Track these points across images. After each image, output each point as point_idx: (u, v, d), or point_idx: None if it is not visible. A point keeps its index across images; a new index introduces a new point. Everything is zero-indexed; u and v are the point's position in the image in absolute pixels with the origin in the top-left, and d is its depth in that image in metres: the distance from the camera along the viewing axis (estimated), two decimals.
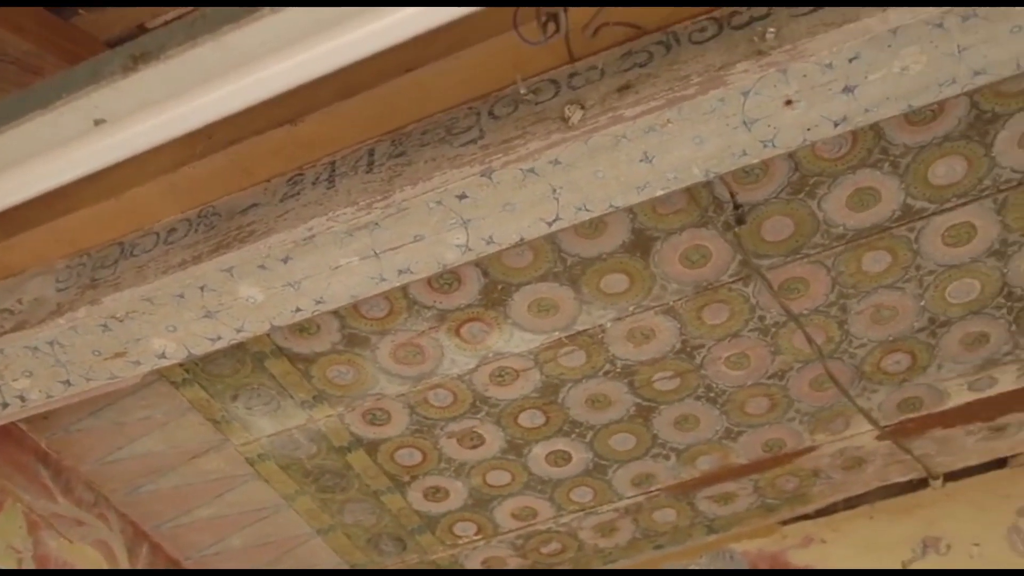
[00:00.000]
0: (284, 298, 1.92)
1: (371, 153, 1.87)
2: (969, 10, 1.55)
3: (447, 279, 2.20)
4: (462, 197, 1.77)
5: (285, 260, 1.86)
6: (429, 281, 2.19)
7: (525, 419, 2.54)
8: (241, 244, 1.87)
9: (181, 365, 2.38)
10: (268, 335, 2.31)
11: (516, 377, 2.42)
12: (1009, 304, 2.33)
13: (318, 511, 2.78)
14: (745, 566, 2.95)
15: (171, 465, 2.69)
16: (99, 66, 1.51)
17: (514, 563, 3.00)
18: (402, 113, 1.85)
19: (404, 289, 2.21)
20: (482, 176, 1.75)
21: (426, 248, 1.85)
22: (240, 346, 2.32)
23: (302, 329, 2.30)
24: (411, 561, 2.97)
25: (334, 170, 1.89)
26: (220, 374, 2.42)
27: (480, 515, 2.82)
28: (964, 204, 2.12)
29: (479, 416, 2.52)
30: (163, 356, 2.02)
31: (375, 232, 1.82)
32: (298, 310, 1.94)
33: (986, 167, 2.05)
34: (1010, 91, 1.93)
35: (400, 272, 1.88)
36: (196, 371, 2.42)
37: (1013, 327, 2.39)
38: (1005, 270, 2.26)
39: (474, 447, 2.61)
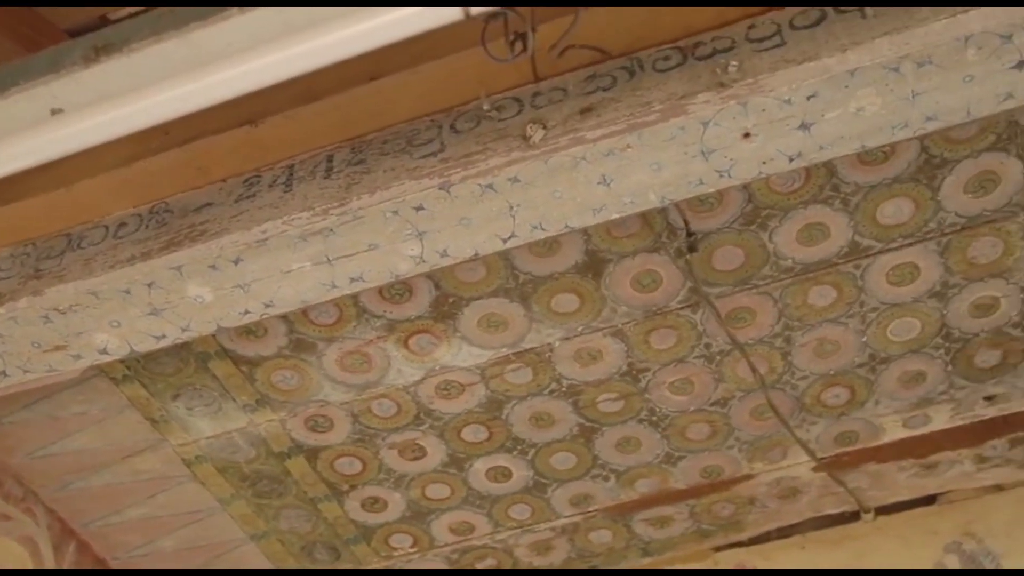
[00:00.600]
0: (233, 299, 1.90)
1: (330, 159, 1.86)
2: (925, 57, 1.59)
3: (398, 289, 2.19)
4: (419, 209, 1.77)
5: (236, 261, 1.84)
6: (380, 290, 2.19)
7: (468, 433, 2.53)
8: (192, 243, 1.84)
9: (122, 362, 2.34)
10: (214, 336, 2.28)
11: (462, 391, 2.42)
12: (947, 345, 2.39)
13: (253, 516, 2.75)
14: None
15: (104, 463, 2.64)
16: (60, 55, 1.49)
17: None
18: (364, 121, 1.84)
19: (355, 297, 2.20)
20: (440, 189, 1.75)
21: (380, 257, 1.84)
22: (184, 345, 2.29)
23: (249, 332, 2.27)
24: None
25: (292, 174, 1.87)
26: (162, 373, 2.39)
27: (417, 528, 2.81)
28: (909, 245, 2.17)
29: (422, 428, 2.51)
30: (105, 351, 1.98)
31: (329, 238, 1.82)
32: (246, 312, 1.92)
33: (932, 210, 2.10)
34: (959, 138, 1.98)
35: (352, 280, 1.88)
36: (137, 368, 2.38)
37: (950, 367, 2.45)
38: (945, 311, 2.31)
39: (415, 459, 2.60)
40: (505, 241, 1.82)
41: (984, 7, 1.56)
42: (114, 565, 2.91)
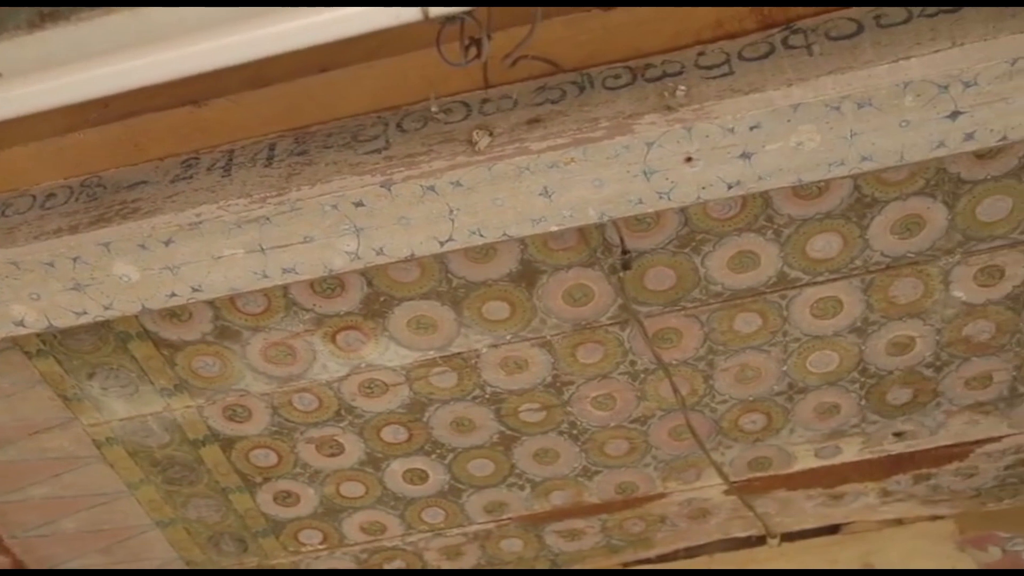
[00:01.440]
0: (160, 281, 1.87)
1: (272, 148, 1.84)
2: (866, 99, 1.63)
3: (330, 284, 2.17)
4: (359, 205, 1.76)
5: (167, 243, 1.81)
6: (312, 284, 2.16)
7: (388, 433, 2.52)
8: (123, 220, 1.81)
9: (38, 335, 2.28)
10: (136, 316, 2.23)
11: (385, 390, 2.41)
12: (863, 380, 2.45)
13: (161, 503, 2.69)
14: None
15: (10, 438, 2.56)
16: (4, 18, 1.45)
17: None
18: (310, 112, 1.83)
19: (285, 288, 2.17)
20: (382, 187, 1.74)
21: (315, 250, 1.83)
22: (105, 324, 2.24)
23: (173, 315, 2.23)
24: (249, 563, 2.91)
25: (231, 159, 1.85)
26: (79, 350, 2.33)
27: (328, 524, 2.78)
28: (835, 280, 2.22)
29: (342, 425, 2.49)
30: (21, 324, 1.93)
31: (265, 227, 1.80)
32: (173, 295, 1.89)
33: (859, 248, 2.16)
34: (891, 180, 2.04)
35: (285, 271, 1.86)
36: (53, 344, 2.32)
37: (863, 402, 2.51)
38: (863, 347, 2.37)
39: (332, 455, 2.58)
40: (442, 244, 1.82)
41: (925, 56, 1.61)
42: (10, 544, 2.83)
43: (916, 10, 1.66)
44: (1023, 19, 1.60)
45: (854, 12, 1.69)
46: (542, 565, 2.94)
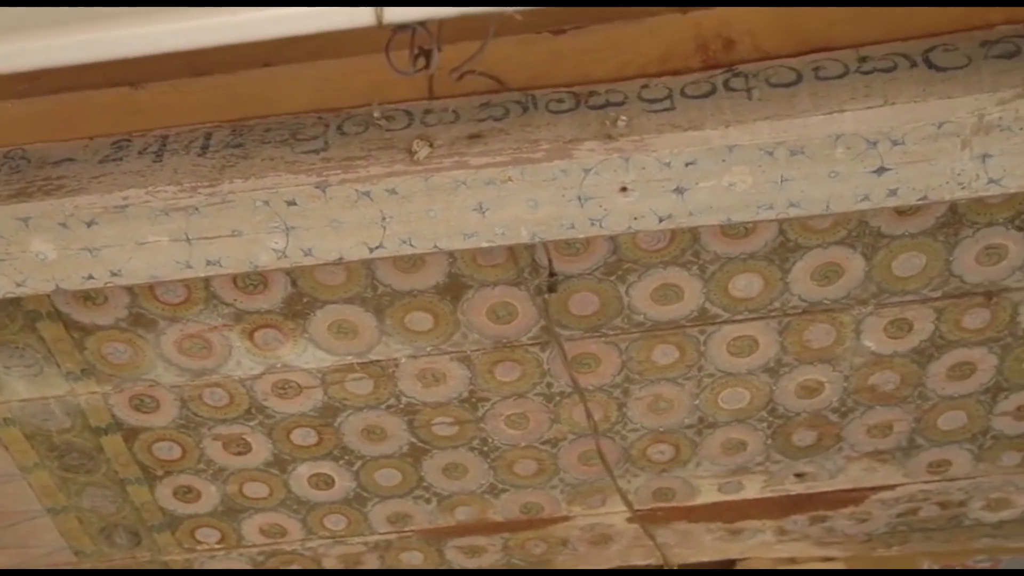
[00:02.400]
0: (78, 262, 1.82)
1: (208, 137, 1.82)
2: (799, 147, 1.68)
3: (254, 280, 2.14)
4: (291, 203, 1.75)
5: (90, 224, 1.77)
6: (235, 278, 2.13)
7: (297, 436, 2.49)
8: (45, 196, 1.77)
9: None
10: (49, 296, 2.17)
11: (299, 392, 2.38)
12: (771, 419, 2.50)
13: (55, 489, 2.61)
14: None
15: None
16: None
17: None
18: (249, 105, 1.81)
19: (207, 280, 2.13)
20: (316, 188, 1.73)
21: (241, 245, 1.81)
22: (15, 301, 2.17)
23: (88, 298, 2.17)
24: (142, 558, 2.83)
25: (165, 145, 1.82)
26: None
27: (227, 524, 2.73)
28: (753, 320, 2.27)
29: (251, 424, 2.45)
30: None
31: (193, 217, 1.77)
32: (90, 278, 1.85)
33: (779, 290, 2.21)
34: (815, 227, 2.09)
35: (209, 263, 1.83)
36: None
37: (769, 441, 2.56)
38: (775, 387, 2.42)
39: (238, 454, 2.53)
40: (372, 250, 1.82)
41: (858, 112, 1.66)
42: None
43: (853, 65, 1.71)
44: (953, 84, 1.66)
45: (794, 62, 1.74)
46: None
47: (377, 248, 1.82)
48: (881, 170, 1.71)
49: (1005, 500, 2.78)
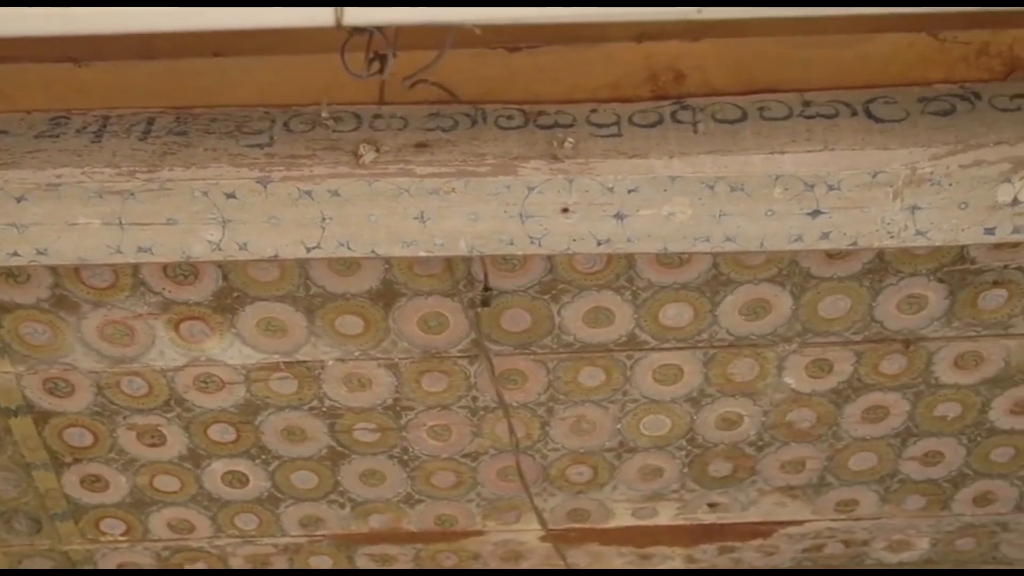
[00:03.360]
0: (4, 237, 1.78)
1: (150, 122, 1.79)
2: (739, 183, 1.71)
3: (185, 271, 2.10)
4: (231, 196, 1.73)
5: (19, 199, 1.73)
6: (166, 267, 2.09)
7: (215, 431, 2.45)
8: None
9: None
10: None
11: (221, 387, 2.34)
12: (689, 448, 2.54)
13: None
14: None
15: None
16: None
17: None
18: (196, 94, 1.79)
19: (136, 267, 2.09)
20: (258, 183, 1.72)
21: (176, 234, 1.78)
22: None
23: (10, 275, 2.11)
24: (41, 546, 2.76)
25: (105, 126, 1.79)
26: None
27: (134, 516, 2.67)
28: (680, 349, 2.30)
29: (169, 416, 2.40)
30: None
31: (128, 202, 1.74)
32: (15, 254, 1.80)
33: (707, 322, 2.24)
34: (748, 263, 2.13)
35: (140, 249, 1.80)
36: None
37: (686, 469, 2.60)
38: (696, 417, 2.46)
39: (152, 445, 2.48)
40: (309, 250, 1.81)
41: (799, 154, 1.71)
42: None
43: (797, 109, 1.76)
44: (890, 136, 1.72)
45: (741, 100, 1.78)
46: None
47: (314, 248, 1.80)
48: (816, 213, 1.75)
49: (906, 542, 2.86)
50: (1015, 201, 1.75)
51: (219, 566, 2.83)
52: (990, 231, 1.78)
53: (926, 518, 2.78)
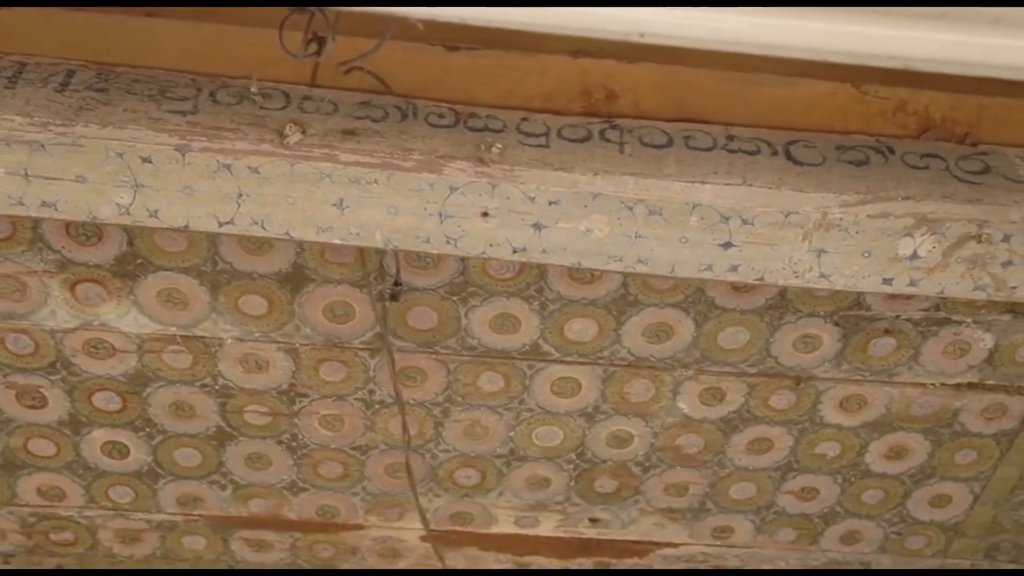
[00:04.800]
0: None
1: (70, 74, 1.73)
2: (658, 207, 1.74)
3: (88, 231, 2.04)
4: (146, 161, 1.68)
5: None
6: (68, 225, 2.02)
7: (100, 399, 2.37)
8: None
9: None
10: None
11: (112, 354, 2.27)
12: (578, 462, 2.57)
13: None
14: None
15: None
16: None
17: (15, 539, 2.75)
18: (121, 52, 1.74)
19: (37, 221, 2.02)
20: (176, 150, 1.68)
21: (84, 193, 1.72)
22: None
23: None
24: None
25: (21, 73, 1.72)
26: None
27: (2, 479, 2.57)
28: (581, 364, 2.33)
29: (53, 378, 2.32)
30: None
31: (37, 153, 1.67)
32: None
33: (611, 340, 2.27)
34: (656, 287, 2.17)
35: (43, 204, 1.73)
36: None
37: (572, 483, 2.63)
38: (588, 432, 2.49)
39: (31, 407, 2.39)
40: (221, 225, 1.77)
41: (718, 186, 1.74)
42: None
43: (721, 142, 1.80)
44: (806, 179, 1.77)
45: (668, 127, 1.81)
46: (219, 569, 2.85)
47: (227, 224, 1.77)
48: (728, 245, 1.79)
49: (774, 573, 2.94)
50: (914, 255, 1.82)
51: (85, 538, 2.74)
52: (888, 281, 1.85)
53: (795, 551, 2.87)
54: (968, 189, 1.79)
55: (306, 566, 2.86)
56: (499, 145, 1.73)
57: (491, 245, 1.80)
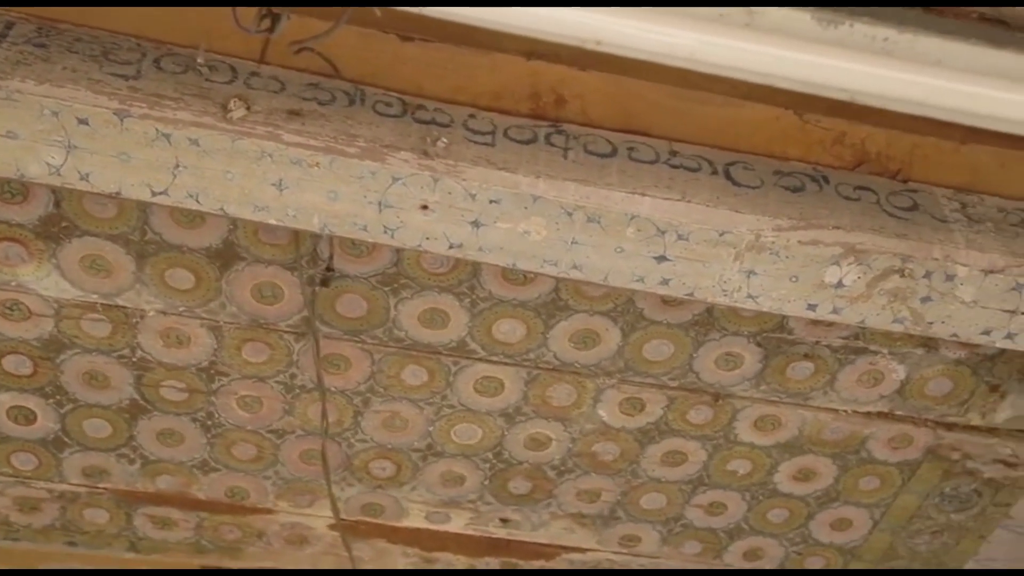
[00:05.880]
0: None
1: (9, 26, 1.68)
2: (596, 215, 1.76)
3: (14, 189, 1.98)
4: (83, 122, 1.64)
5: None
6: None
7: (10, 363, 2.30)
8: None
9: None
10: None
11: (27, 317, 2.21)
12: (493, 461, 2.57)
13: None
14: None
15: None
16: None
17: None
18: (65, 10, 1.69)
19: None
20: (116, 115, 1.64)
21: (13, 149, 1.68)
22: None
23: None
24: None
25: None
26: None
27: None
28: (505, 364, 2.34)
29: None
30: None
31: None
32: None
33: (538, 343, 2.29)
34: (588, 294, 2.19)
35: None
36: None
37: (487, 482, 2.63)
38: (507, 433, 2.50)
39: None
40: (154, 194, 1.74)
41: (657, 200, 1.77)
42: None
43: (663, 156, 1.82)
44: (742, 200, 1.80)
45: (613, 136, 1.83)
46: (119, 544, 2.79)
47: (160, 194, 1.74)
48: (662, 258, 1.81)
49: None
50: (840, 284, 1.86)
51: None
52: (812, 307, 1.89)
53: (698, 563, 2.92)
54: (896, 224, 1.84)
55: (210, 547, 2.81)
56: (445, 139, 1.73)
57: (428, 238, 1.79)
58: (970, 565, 2.97)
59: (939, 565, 2.95)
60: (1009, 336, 1.92)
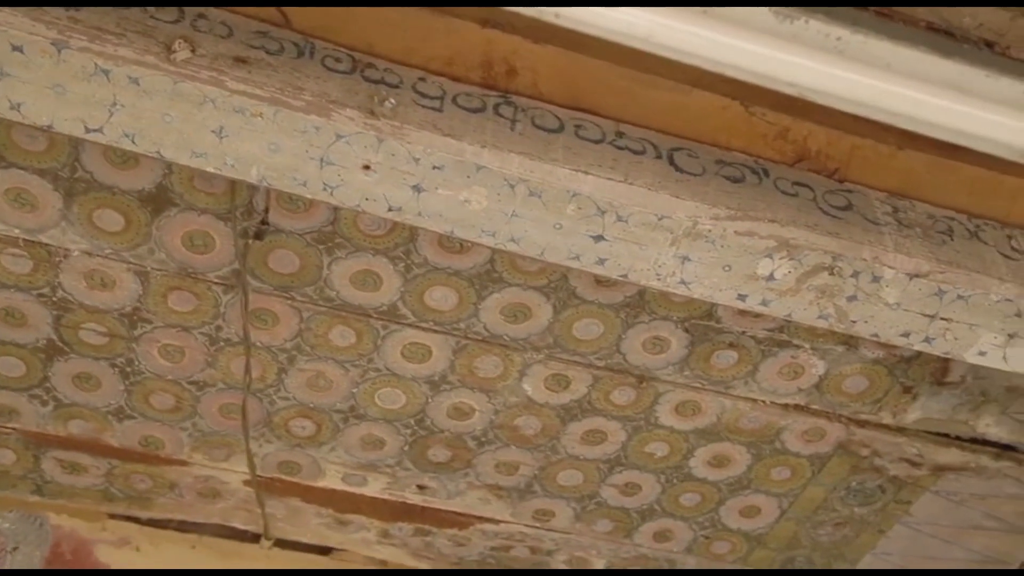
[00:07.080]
0: None
1: None
2: (538, 190, 1.75)
3: None
4: (17, 49, 1.58)
5: None
6: None
7: None
8: None
9: None
10: None
11: None
12: (415, 428, 2.57)
13: None
14: (50, 539, 2.82)
15: None
16: None
17: None
18: None
19: None
20: (52, 44, 1.58)
21: None
22: None
23: None
24: None
25: None
26: None
27: None
28: (435, 332, 2.33)
29: None
30: None
31: None
32: None
33: (469, 313, 2.28)
34: (522, 268, 2.19)
35: None
36: None
37: (407, 448, 2.63)
38: (431, 400, 2.50)
39: None
40: (88, 131, 1.68)
41: (600, 179, 1.77)
42: None
43: (610, 136, 1.82)
44: (683, 186, 1.81)
45: (561, 112, 1.82)
46: (24, 487, 2.73)
47: (95, 131, 1.68)
48: (599, 238, 1.82)
49: (584, 559, 3.03)
50: (771, 276, 1.89)
51: None
52: (743, 297, 1.92)
53: (608, 542, 2.96)
54: (829, 222, 1.87)
55: (119, 495, 2.77)
56: (393, 100, 1.71)
57: (367, 199, 1.77)
58: (868, 558, 3.06)
59: (839, 556, 3.04)
60: (927, 340, 1.98)
